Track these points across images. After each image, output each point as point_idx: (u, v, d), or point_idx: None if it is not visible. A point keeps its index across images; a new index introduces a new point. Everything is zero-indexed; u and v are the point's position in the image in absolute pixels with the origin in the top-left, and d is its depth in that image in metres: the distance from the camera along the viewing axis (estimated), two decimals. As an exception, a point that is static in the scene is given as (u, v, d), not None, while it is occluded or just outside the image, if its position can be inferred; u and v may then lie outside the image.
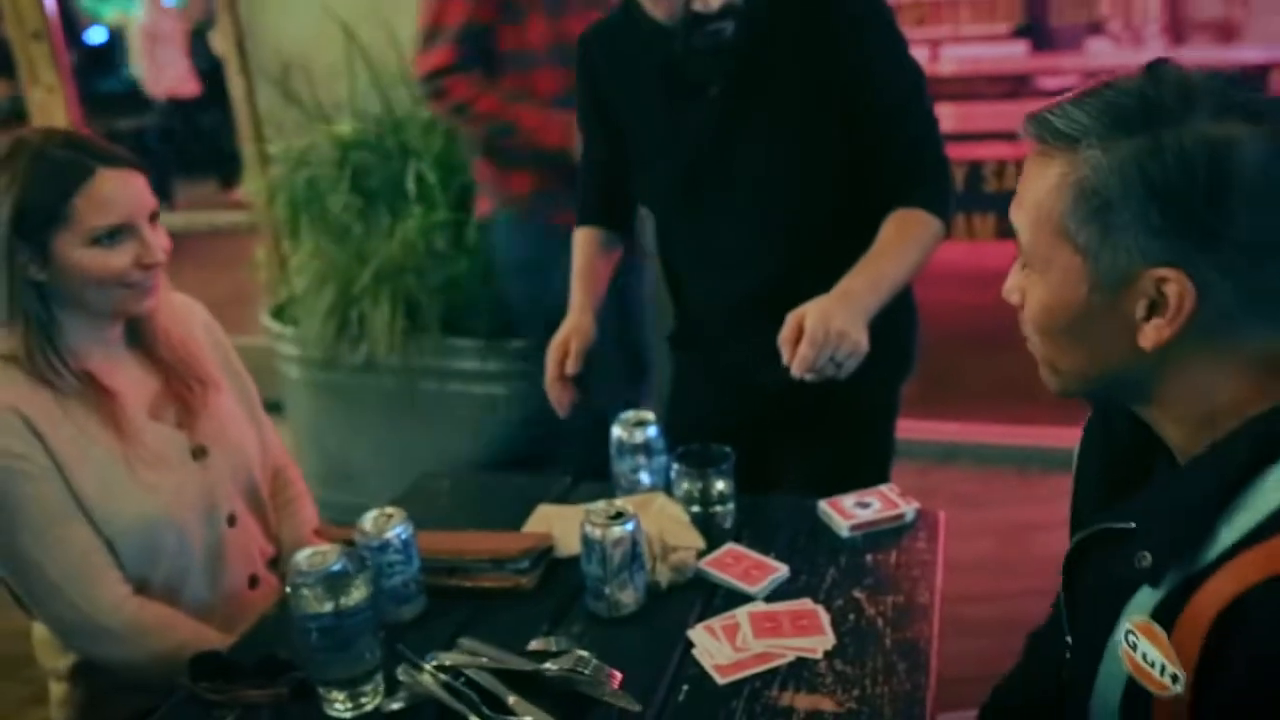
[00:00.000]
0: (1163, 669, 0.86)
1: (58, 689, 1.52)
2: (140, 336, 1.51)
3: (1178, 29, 7.35)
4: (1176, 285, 0.84)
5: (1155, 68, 0.88)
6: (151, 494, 1.43)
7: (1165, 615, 0.86)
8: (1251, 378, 0.88)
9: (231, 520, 1.54)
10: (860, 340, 1.43)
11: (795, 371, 1.42)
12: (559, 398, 1.70)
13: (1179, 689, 0.85)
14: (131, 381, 1.48)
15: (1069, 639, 1.06)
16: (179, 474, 1.47)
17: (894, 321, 1.58)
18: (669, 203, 1.77)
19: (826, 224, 1.63)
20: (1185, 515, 0.87)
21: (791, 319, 1.44)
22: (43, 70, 4.04)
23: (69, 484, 1.38)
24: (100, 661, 1.43)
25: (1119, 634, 0.91)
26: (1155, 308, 0.86)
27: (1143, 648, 0.88)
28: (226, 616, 1.50)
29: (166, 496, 1.44)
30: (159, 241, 1.42)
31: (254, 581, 1.56)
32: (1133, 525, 0.92)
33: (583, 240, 1.87)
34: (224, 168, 3.50)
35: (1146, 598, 0.89)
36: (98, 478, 1.39)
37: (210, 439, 1.53)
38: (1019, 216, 0.94)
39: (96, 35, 8.25)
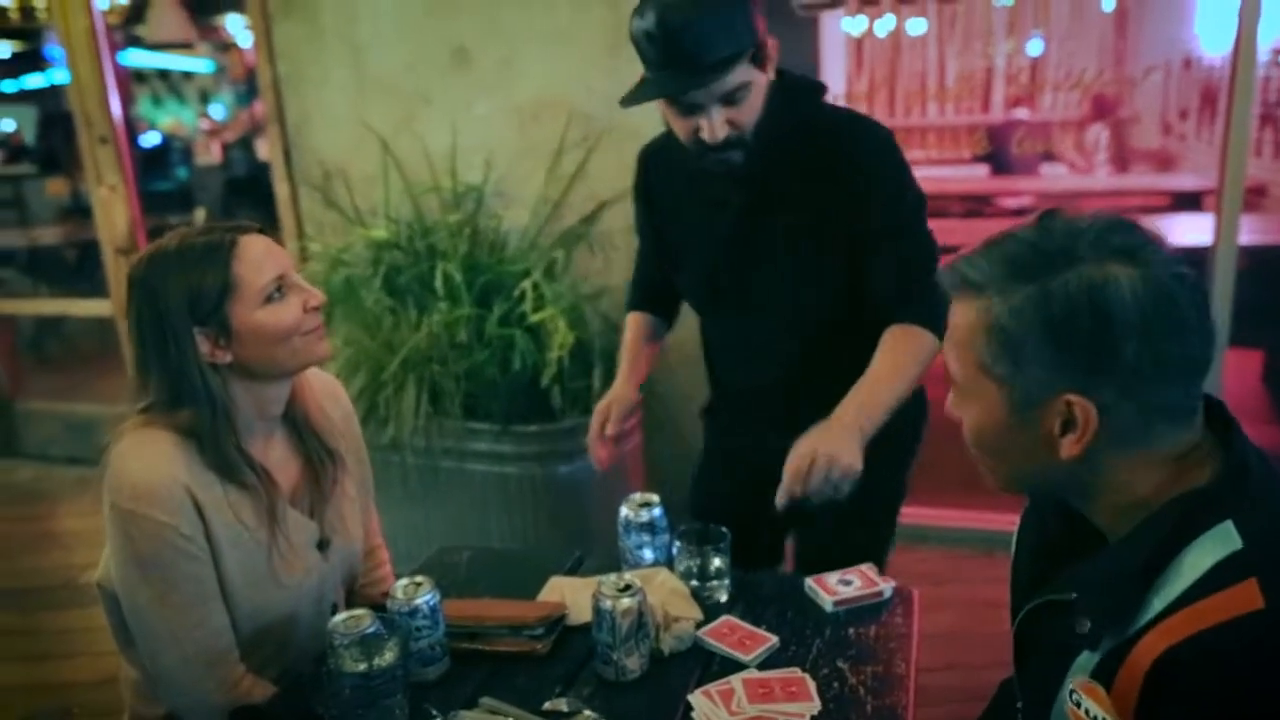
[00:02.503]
0: None
1: None
2: (294, 415, 1.49)
3: (1123, 158, 7.56)
4: (1081, 408, 0.91)
5: (1045, 218, 0.95)
6: (281, 589, 1.42)
7: (1104, 674, 0.91)
8: (1167, 470, 0.94)
9: (334, 609, 1.52)
10: (852, 464, 1.44)
11: (778, 500, 1.46)
12: (598, 454, 1.80)
13: None
14: (280, 462, 1.47)
15: (1019, 704, 1.09)
16: (305, 567, 1.46)
17: (901, 411, 1.58)
18: (699, 298, 1.84)
19: (833, 326, 1.67)
20: (1118, 586, 0.92)
21: (791, 452, 1.47)
22: (107, 171, 4.15)
23: (217, 567, 1.36)
24: None
25: (1064, 693, 0.96)
26: (1068, 426, 0.92)
27: (1085, 704, 0.93)
28: None
29: (294, 590, 1.43)
30: (313, 287, 1.43)
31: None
32: (1073, 596, 0.97)
33: (632, 322, 1.96)
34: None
35: (1087, 660, 0.94)
36: (242, 567, 1.38)
37: (333, 530, 1.52)
38: (949, 352, 1.01)
39: (151, 139, 8.44)
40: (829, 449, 1.45)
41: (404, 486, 3.01)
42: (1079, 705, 0.93)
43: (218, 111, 9.93)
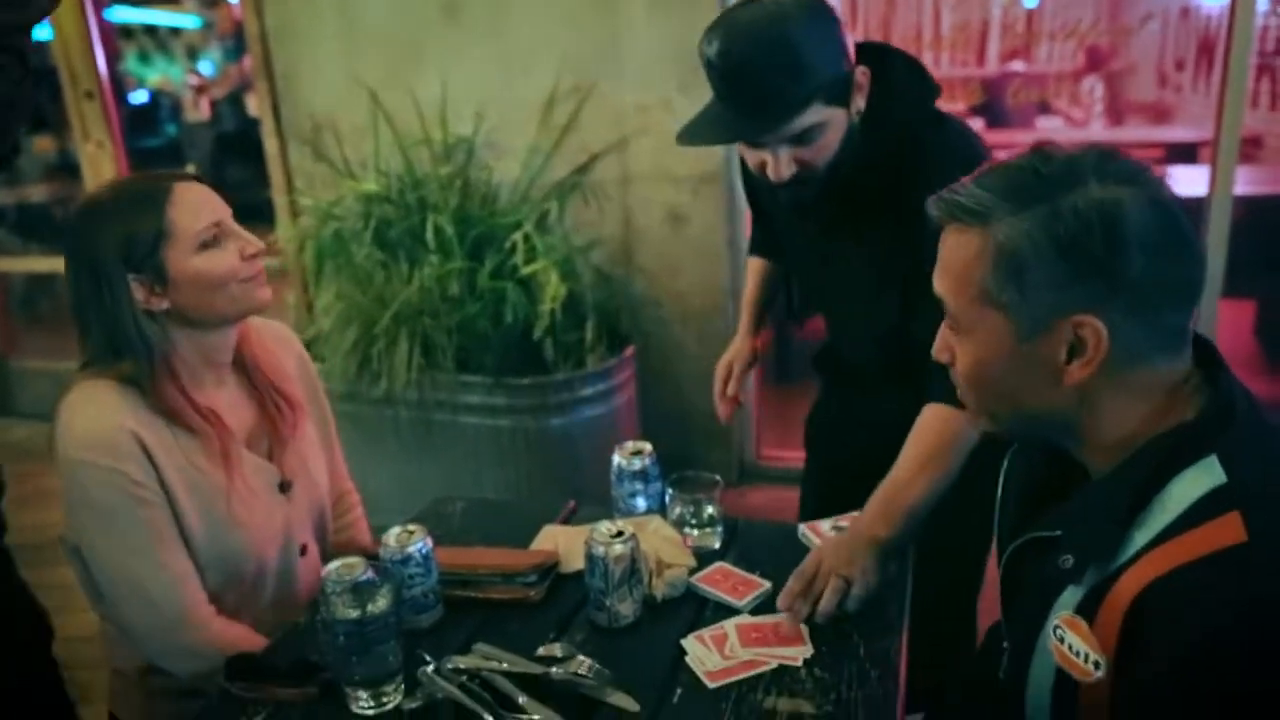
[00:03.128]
0: (1086, 657, 0.91)
1: (119, 684, 1.49)
2: (243, 358, 1.48)
3: (1117, 110, 7.49)
4: (1091, 328, 0.89)
5: (1040, 149, 0.93)
6: (242, 529, 1.41)
7: (1087, 609, 0.91)
8: (1157, 402, 0.93)
9: (303, 550, 1.52)
10: (861, 579, 1.34)
11: (779, 603, 1.34)
12: (723, 410, 1.85)
13: (1101, 673, 0.89)
14: (233, 408, 1.45)
15: (1005, 644, 1.09)
16: (267, 508, 1.45)
17: (971, 483, 1.40)
18: (795, 276, 1.85)
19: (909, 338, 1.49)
20: (1102, 521, 0.92)
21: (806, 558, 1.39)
22: (94, 127, 4.09)
23: (175, 512, 1.35)
24: (176, 671, 1.40)
25: (1048, 629, 0.95)
26: (1074, 351, 0.91)
27: (1069, 640, 0.93)
28: None
29: (255, 532, 1.42)
30: (251, 235, 1.40)
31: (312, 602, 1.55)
32: (1058, 533, 0.97)
33: (753, 269, 1.95)
34: (252, 219, 3.55)
35: (1070, 595, 0.94)
36: (200, 510, 1.37)
37: (294, 473, 1.51)
38: (943, 286, 0.98)
39: (139, 97, 8.32)
40: (837, 566, 1.35)
41: (397, 440, 3.00)
42: (1062, 640, 0.93)
43: (206, 67, 9.77)
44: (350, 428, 3.07)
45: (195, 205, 1.35)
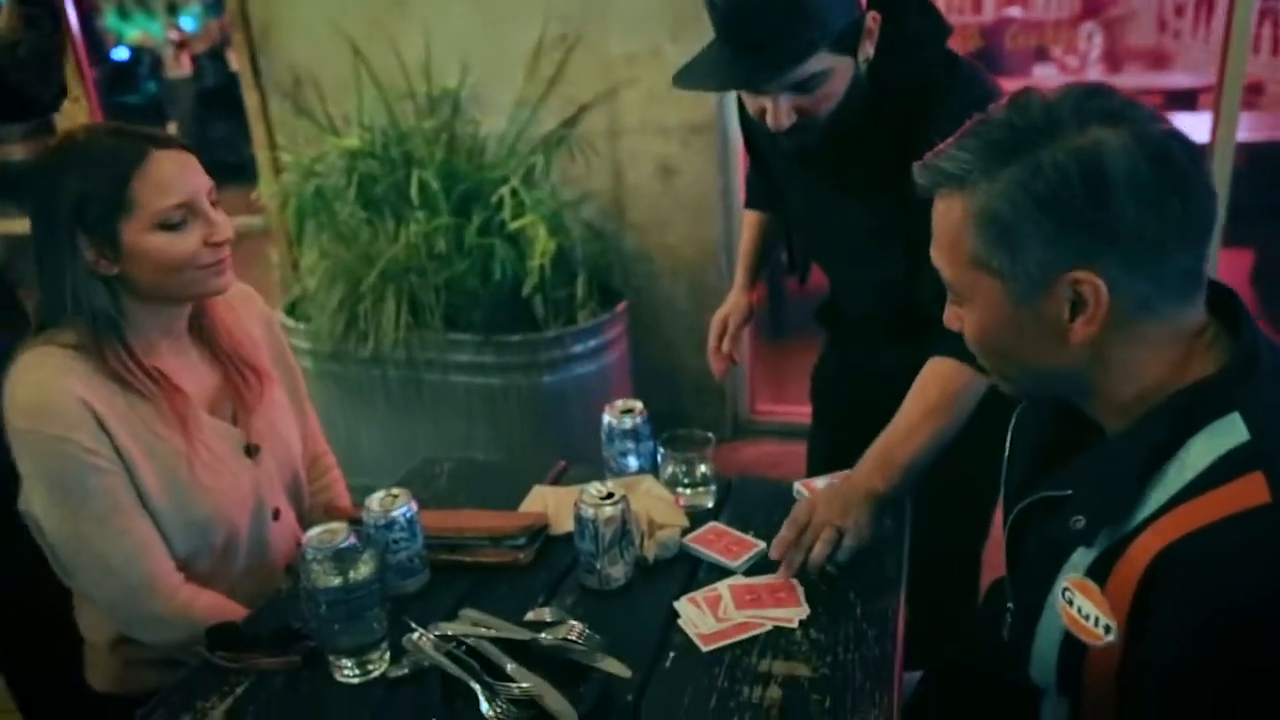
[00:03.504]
0: (1096, 620, 0.87)
1: (98, 657, 1.46)
2: (202, 326, 1.43)
3: (1116, 57, 7.39)
4: (1090, 285, 0.84)
5: (1017, 98, 0.88)
6: (208, 494, 1.36)
7: (1099, 571, 0.87)
8: (1174, 355, 0.88)
9: (276, 515, 1.48)
10: (854, 530, 1.31)
11: (772, 553, 1.32)
12: (717, 366, 1.82)
13: (1112, 638, 0.86)
14: (193, 374, 1.41)
15: (1010, 605, 1.06)
16: (233, 472, 1.41)
17: (975, 436, 1.38)
18: (794, 226, 1.78)
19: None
20: (1116, 481, 0.87)
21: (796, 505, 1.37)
22: (69, 83, 3.98)
23: (133, 479, 1.31)
24: (147, 641, 1.37)
25: (1056, 591, 0.92)
26: (1076, 308, 0.86)
27: (1078, 603, 0.89)
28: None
29: (221, 496, 1.38)
30: (223, 219, 1.33)
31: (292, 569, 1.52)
32: (1069, 492, 0.93)
33: (750, 222, 1.90)
34: (233, 177, 3.47)
35: (1081, 557, 0.90)
36: (160, 476, 1.33)
37: (262, 436, 1.46)
38: (938, 257, 0.94)
39: (120, 54, 8.16)
40: (830, 517, 1.31)
41: (386, 400, 2.97)
42: (1071, 603, 0.89)
43: (187, 23, 9.60)
44: (338, 388, 3.05)
45: (165, 181, 1.27)
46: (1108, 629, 0.86)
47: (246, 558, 1.45)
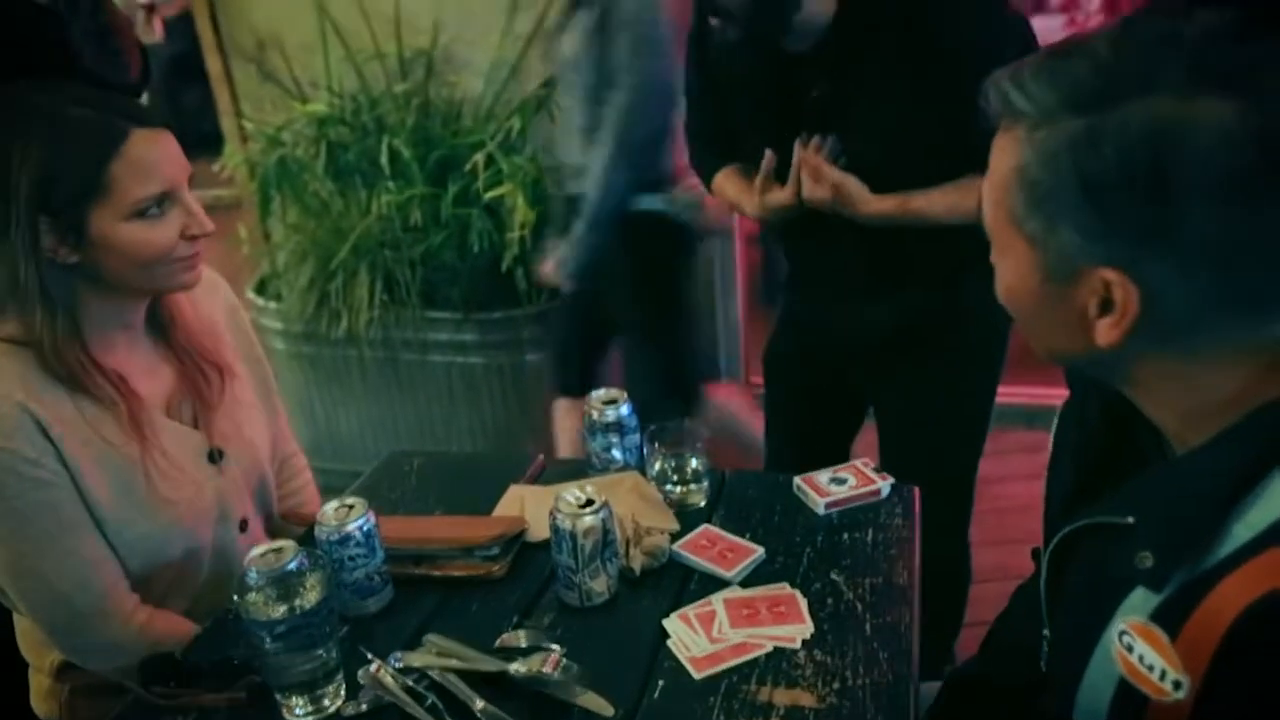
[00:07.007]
0: (1163, 674, 0.72)
1: (41, 682, 1.33)
2: (160, 319, 1.29)
3: (1117, 8, 7.19)
4: (1120, 289, 0.69)
5: (1130, 23, 0.69)
6: (167, 507, 1.22)
7: (1169, 617, 0.72)
8: (1251, 366, 0.72)
9: (243, 526, 1.34)
10: (855, 196, 1.44)
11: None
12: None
13: (1181, 695, 0.71)
14: (149, 372, 1.26)
15: (1046, 631, 0.93)
16: (195, 481, 1.26)
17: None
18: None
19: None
20: (1193, 513, 0.72)
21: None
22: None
23: (81, 492, 1.16)
24: (97, 669, 1.24)
25: (1111, 633, 0.77)
26: (1106, 306, 0.71)
27: (1139, 649, 0.74)
28: None
29: (181, 508, 1.24)
30: (201, 210, 1.19)
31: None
32: (1130, 520, 0.77)
33: (726, 173, 1.76)
34: (206, 147, 3.32)
35: (1143, 599, 0.75)
36: (112, 489, 1.19)
37: (227, 439, 1.32)
38: (985, 194, 0.78)
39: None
40: (839, 176, 1.43)
41: (363, 383, 2.84)
42: (1131, 650, 0.75)
43: (159, -14, 9.33)
44: (311, 371, 2.91)
45: (148, 166, 1.13)
46: (1177, 684, 0.71)
47: (209, 573, 1.31)
